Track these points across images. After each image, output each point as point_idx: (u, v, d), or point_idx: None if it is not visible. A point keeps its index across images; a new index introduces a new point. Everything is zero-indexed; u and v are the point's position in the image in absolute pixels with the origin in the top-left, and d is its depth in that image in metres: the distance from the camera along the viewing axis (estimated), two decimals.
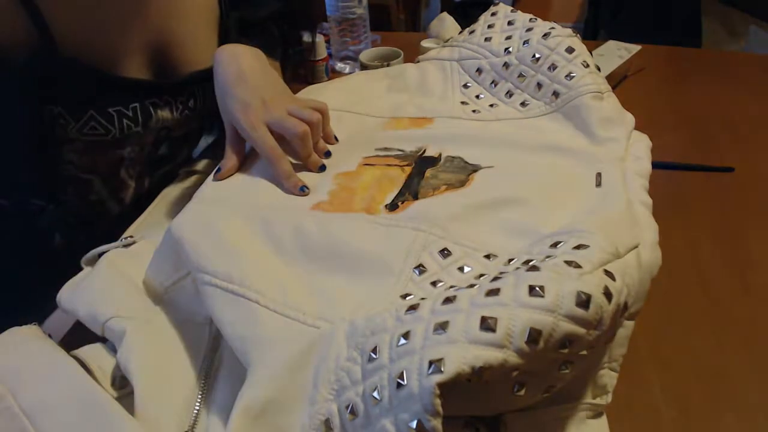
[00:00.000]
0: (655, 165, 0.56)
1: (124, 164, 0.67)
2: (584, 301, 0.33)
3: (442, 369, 0.31)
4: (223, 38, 0.70)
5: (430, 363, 0.31)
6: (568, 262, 0.36)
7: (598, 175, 0.52)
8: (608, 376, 0.44)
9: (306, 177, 0.57)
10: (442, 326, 0.33)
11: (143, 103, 0.64)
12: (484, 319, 0.32)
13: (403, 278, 0.44)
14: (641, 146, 0.58)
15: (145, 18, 0.61)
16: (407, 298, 0.42)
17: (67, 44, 0.55)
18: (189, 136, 0.75)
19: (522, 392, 0.35)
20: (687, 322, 0.55)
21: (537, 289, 0.33)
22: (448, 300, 0.35)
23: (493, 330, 0.32)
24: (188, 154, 0.79)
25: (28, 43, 0.52)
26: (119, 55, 0.61)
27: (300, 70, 1.09)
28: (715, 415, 0.47)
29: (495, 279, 0.36)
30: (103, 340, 0.48)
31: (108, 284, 0.51)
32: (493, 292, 0.34)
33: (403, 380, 0.31)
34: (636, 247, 0.42)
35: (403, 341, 0.34)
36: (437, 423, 0.30)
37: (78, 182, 0.65)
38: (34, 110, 0.54)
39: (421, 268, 0.45)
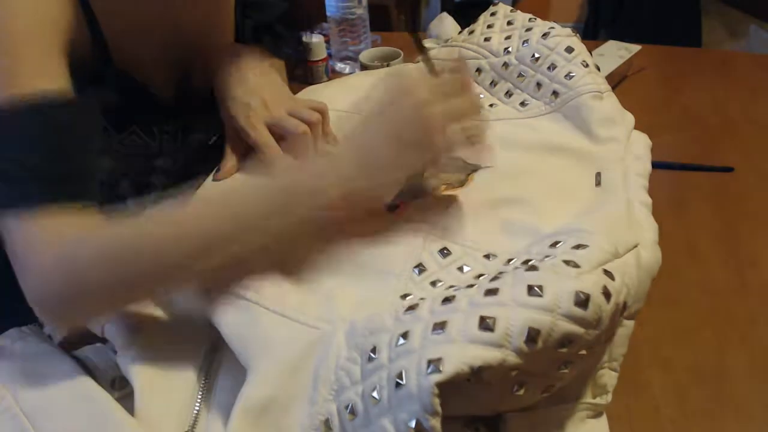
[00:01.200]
0: (655, 165, 0.56)
1: (156, 172, 0.67)
2: (583, 300, 0.33)
3: (441, 369, 0.31)
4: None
5: (429, 362, 0.31)
6: (567, 262, 0.36)
7: (598, 174, 0.52)
8: (608, 376, 0.44)
9: None
10: (441, 326, 0.33)
11: (183, 120, 0.65)
12: (482, 319, 0.32)
13: (403, 278, 0.44)
14: (641, 146, 0.58)
15: (184, 34, 0.61)
16: (407, 298, 0.42)
17: (118, 58, 0.55)
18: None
19: (521, 392, 0.35)
20: (686, 322, 0.55)
21: (536, 288, 0.33)
22: (447, 300, 0.35)
23: (491, 330, 0.32)
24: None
25: (87, 55, 0.51)
26: (156, 71, 0.61)
27: (300, 71, 1.09)
28: (714, 415, 0.47)
29: (494, 279, 0.36)
30: (102, 340, 0.48)
31: None
32: (492, 292, 0.34)
33: (402, 380, 0.31)
34: (635, 246, 0.42)
35: (402, 341, 0.34)
36: (436, 422, 0.30)
37: (106, 182, 0.65)
38: (88, 119, 0.53)
39: (420, 268, 0.45)
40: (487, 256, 0.46)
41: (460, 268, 0.45)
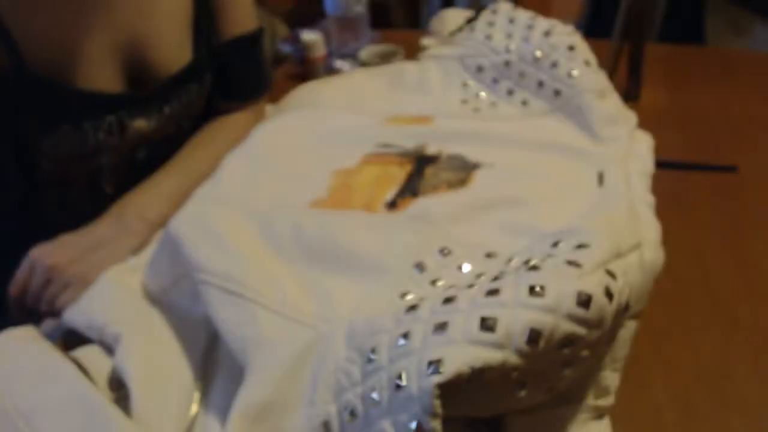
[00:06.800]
0: (658, 164, 0.56)
1: (103, 173, 0.66)
2: (585, 301, 0.33)
3: (441, 370, 0.30)
4: (197, 38, 0.67)
5: (429, 363, 0.31)
6: (569, 262, 0.35)
7: (600, 174, 0.52)
8: (611, 378, 0.43)
9: (305, 173, 0.57)
10: (442, 327, 0.33)
11: (118, 114, 0.63)
12: (483, 320, 0.32)
13: (403, 276, 0.44)
14: (643, 145, 0.58)
15: (113, 19, 0.59)
16: (406, 297, 0.42)
17: (38, 60, 0.53)
18: (168, 139, 0.73)
19: (523, 393, 0.35)
20: (690, 323, 0.55)
21: (537, 288, 0.33)
22: (448, 300, 0.35)
23: (492, 330, 0.32)
24: (170, 156, 0.77)
25: None
26: (90, 64, 0.59)
27: (298, 69, 1.08)
28: (718, 416, 0.47)
29: (495, 279, 0.36)
30: (99, 341, 0.48)
31: (106, 291, 0.51)
32: (493, 292, 0.34)
33: (401, 381, 0.31)
34: (638, 246, 0.41)
35: (402, 342, 0.33)
36: (437, 424, 0.30)
37: (55, 190, 0.64)
38: (6, 124, 0.52)
39: (420, 266, 0.45)
40: (487, 255, 0.45)
41: (460, 267, 0.44)
